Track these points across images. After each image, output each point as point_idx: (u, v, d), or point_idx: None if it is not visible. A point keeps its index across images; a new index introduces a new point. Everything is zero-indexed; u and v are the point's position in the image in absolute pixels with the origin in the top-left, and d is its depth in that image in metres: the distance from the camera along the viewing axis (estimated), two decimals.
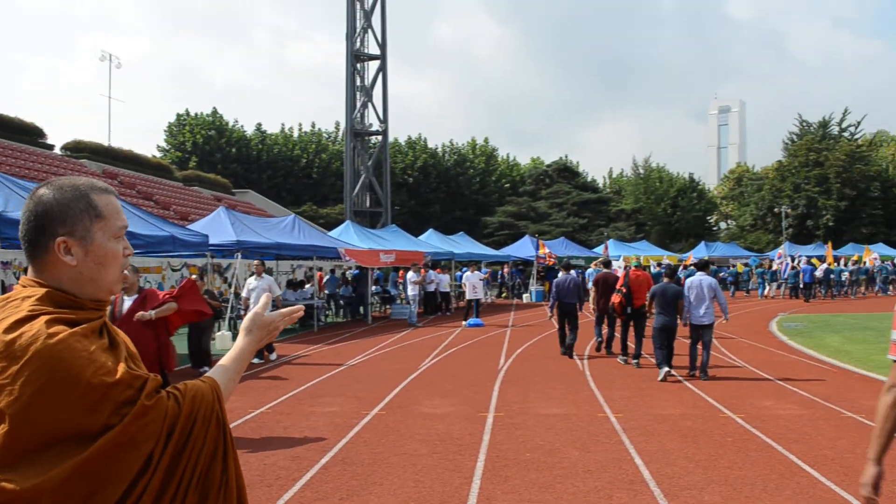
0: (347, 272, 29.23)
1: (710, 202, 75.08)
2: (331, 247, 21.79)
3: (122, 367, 1.62)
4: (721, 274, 39.36)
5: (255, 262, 15.62)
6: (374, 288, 28.90)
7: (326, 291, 25.02)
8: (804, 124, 71.25)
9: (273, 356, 14.67)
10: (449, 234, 36.59)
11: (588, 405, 9.67)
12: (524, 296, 36.17)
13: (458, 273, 34.01)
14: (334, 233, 26.44)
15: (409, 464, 6.92)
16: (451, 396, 10.33)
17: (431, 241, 30.61)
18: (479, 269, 24.49)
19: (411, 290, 23.52)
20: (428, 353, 15.39)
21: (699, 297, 12.08)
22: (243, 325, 2.08)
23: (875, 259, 40.05)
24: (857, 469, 4.75)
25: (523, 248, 38.38)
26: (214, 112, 63.16)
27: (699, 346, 12.12)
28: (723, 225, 78.63)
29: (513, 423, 8.60)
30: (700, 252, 45.40)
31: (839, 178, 59.87)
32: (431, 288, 25.99)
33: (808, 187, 61.18)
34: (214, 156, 60.26)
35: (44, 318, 1.59)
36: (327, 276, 25.37)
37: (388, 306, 27.39)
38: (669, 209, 68.29)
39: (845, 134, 69.12)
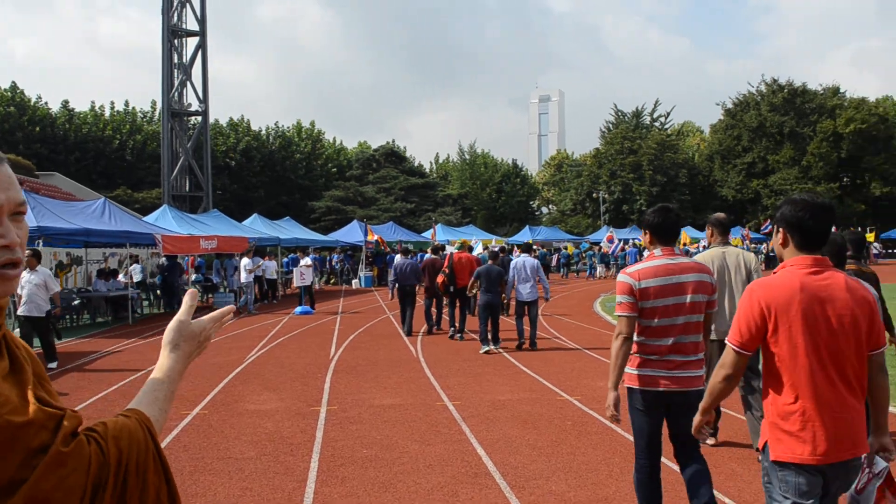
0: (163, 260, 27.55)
1: (533, 187, 77.45)
2: (146, 233, 20.31)
3: (31, 402, 1.21)
4: (549, 256, 40.48)
5: (28, 251, 13.92)
6: (194, 276, 27.47)
7: (134, 280, 22.78)
8: (619, 114, 74.80)
9: (52, 365, 11.96)
10: (275, 220, 35.40)
11: (425, 394, 9.31)
12: (353, 281, 35.64)
13: (285, 259, 33.03)
14: (150, 218, 24.76)
15: (236, 469, 6.27)
16: (279, 390, 9.68)
17: (256, 227, 29.38)
18: (308, 255, 23.83)
19: (245, 278, 22.52)
20: (254, 343, 14.58)
21: (523, 278, 13.12)
22: (166, 338, 1.64)
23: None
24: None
25: (352, 233, 37.77)
26: (14, 87, 57.98)
27: (525, 321, 13.31)
28: (545, 210, 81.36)
29: (347, 416, 8.10)
30: (525, 235, 46.58)
31: (651, 166, 63.27)
32: (258, 273, 24.97)
33: (623, 174, 64.25)
34: (15, 135, 55.36)
35: None
36: (133, 265, 23.39)
37: (210, 295, 26.03)
38: (494, 194, 69.81)
39: (656, 124, 73.26)
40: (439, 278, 15.29)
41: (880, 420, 3.24)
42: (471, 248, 17.49)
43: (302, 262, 22.15)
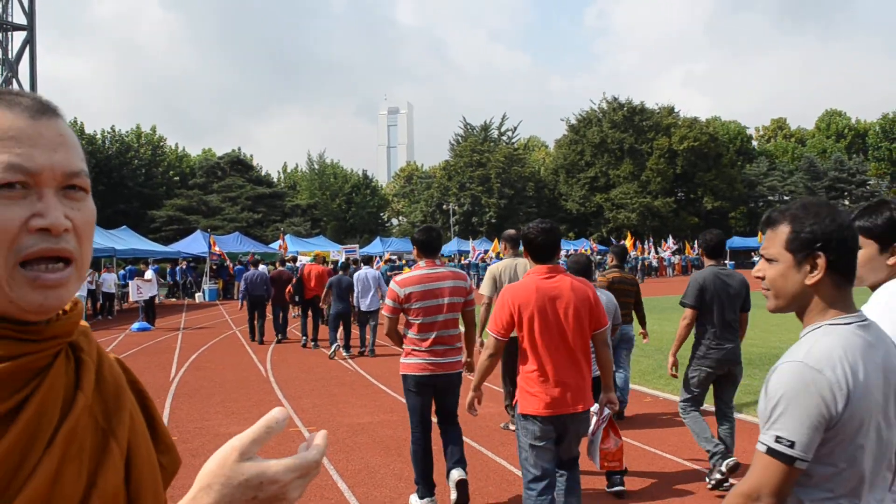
0: None
1: (383, 199, 77.12)
2: None
3: None
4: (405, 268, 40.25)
5: None
6: None
7: None
8: (468, 127, 75.75)
9: None
10: (111, 229, 33.21)
11: None
12: (197, 295, 33.94)
13: (122, 271, 30.99)
14: None
15: None
16: None
17: None
18: (150, 267, 22.40)
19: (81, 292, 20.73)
20: None
21: (365, 288, 13.97)
22: (201, 472, 0.96)
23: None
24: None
25: (195, 244, 35.98)
26: None
27: (367, 329, 14.23)
28: (395, 221, 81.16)
29: (188, 448, 7.26)
30: (376, 247, 46.08)
31: (499, 179, 64.34)
32: (90, 287, 23.18)
33: (472, 186, 65.00)
34: None
35: None
36: None
37: None
38: (344, 205, 68.92)
39: (504, 138, 74.63)
40: (287, 288, 16.07)
41: (607, 381, 4.53)
42: (324, 260, 17.79)
43: (146, 275, 20.71)
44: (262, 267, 17.93)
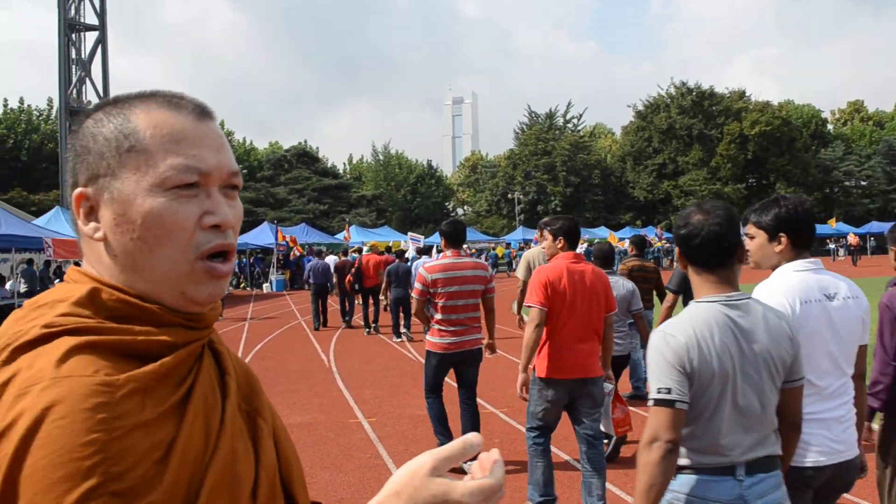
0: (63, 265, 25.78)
1: (448, 189, 77.09)
2: (34, 236, 18.79)
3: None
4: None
5: None
6: None
7: (11, 287, 20.07)
8: (533, 115, 75.02)
9: None
10: None
11: (337, 409, 8.49)
12: (264, 286, 34.38)
13: None
14: (41, 220, 23.10)
15: None
16: None
17: None
18: None
19: None
20: None
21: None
22: (394, 484, 0.91)
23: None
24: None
25: (262, 235, 36.42)
26: None
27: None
28: (460, 211, 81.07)
29: None
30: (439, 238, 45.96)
31: (564, 167, 63.60)
32: None
33: (537, 175, 64.40)
34: None
35: (64, 345, 0.86)
36: (21, 267, 21.32)
37: None
38: (409, 195, 69.11)
39: (569, 125, 73.75)
40: (347, 278, 16.70)
41: (606, 358, 5.12)
42: (388, 250, 18.22)
43: None
44: (330, 257, 19.02)
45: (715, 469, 2.36)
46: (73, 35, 49.28)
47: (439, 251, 15.06)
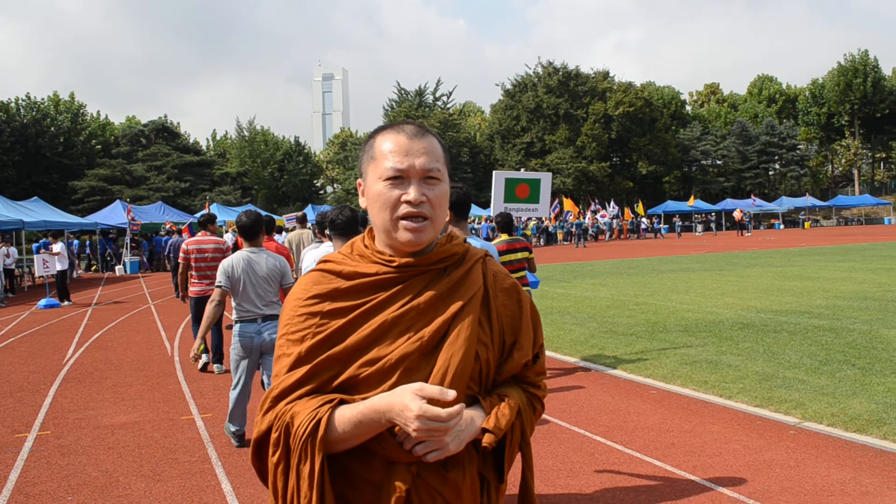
0: None
1: (317, 166, 75.52)
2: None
3: (286, 375, 1.62)
4: None
5: None
6: None
7: None
8: (403, 92, 74.38)
9: None
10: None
11: (170, 405, 7.67)
12: (117, 268, 32.43)
13: (35, 244, 29.31)
14: None
15: None
16: None
17: None
18: (60, 241, 20.97)
19: None
20: None
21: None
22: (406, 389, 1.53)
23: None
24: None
25: (114, 214, 34.39)
26: None
27: None
28: (329, 189, 79.66)
29: (61, 444, 6.36)
30: (308, 215, 44.77)
31: None
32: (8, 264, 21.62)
33: None
34: None
35: (314, 268, 1.75)
36: None
37: None
38: (276, 173, 67.24)
39: (439, 103, 73.49)
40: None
41: None
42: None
43: (55, 248, 19.34)
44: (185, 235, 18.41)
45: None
46: None
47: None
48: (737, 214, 53.29)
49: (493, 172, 9.62)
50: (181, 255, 9.66)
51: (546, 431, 6.22)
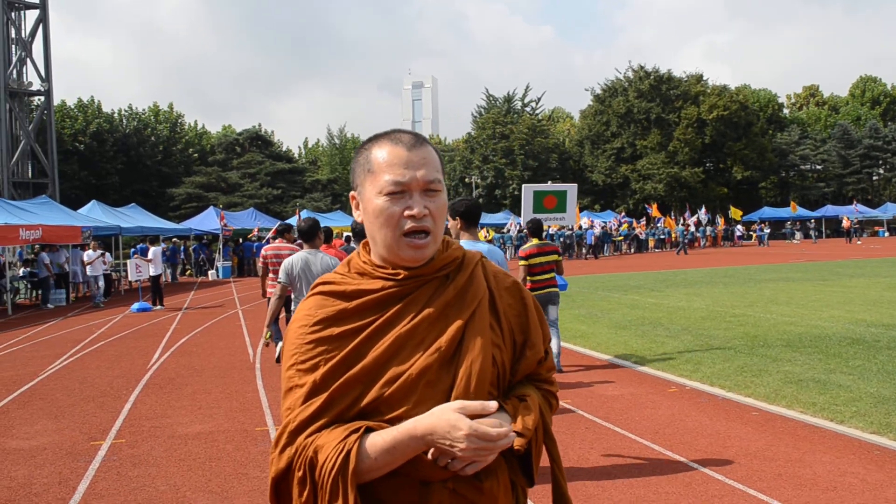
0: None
1: None
2: None
3: (295, 400, 1.55)
4: None
5: None
6: (22, 271, 24.49)
7: None
8: (491, 99, 74.12)
9: None
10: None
11: (246, 414, 7.50)
12: (210, 273, 33.09)
13: (133, 250, 30.18)
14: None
15: None
16: (62, 417, 7.66)
17: (95, 215, 26.52)
18: (155, 245, 21.47)
19: (91, 271, 21.17)
20: (62, 352, 12.31)
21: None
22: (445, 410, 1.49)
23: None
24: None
25: (208, 220, 35.11)
26: None
27: None
28: None
29: (134, 454, 6.23)
30: None
31: (523, 150, 62.87)
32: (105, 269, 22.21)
33: (495, 159, 63.60)
34: None
35: (313, 291, 1.68)
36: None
37: (38, 292, 23.11)
38: None
39: (527, 109, 72.91)
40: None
41: None
42: (340, 235, 17.81)
43: (149, 253, 19.78)
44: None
45: None
46: (13, 14, 47.27)
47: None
48: (845, 223, 50.90)
49: (522, 186, 10.78)
50: (261, 260, 10.39)
51: (637, 455, 5.75)
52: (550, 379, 1.76)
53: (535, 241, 8.99)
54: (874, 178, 71.18)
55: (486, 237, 36.40)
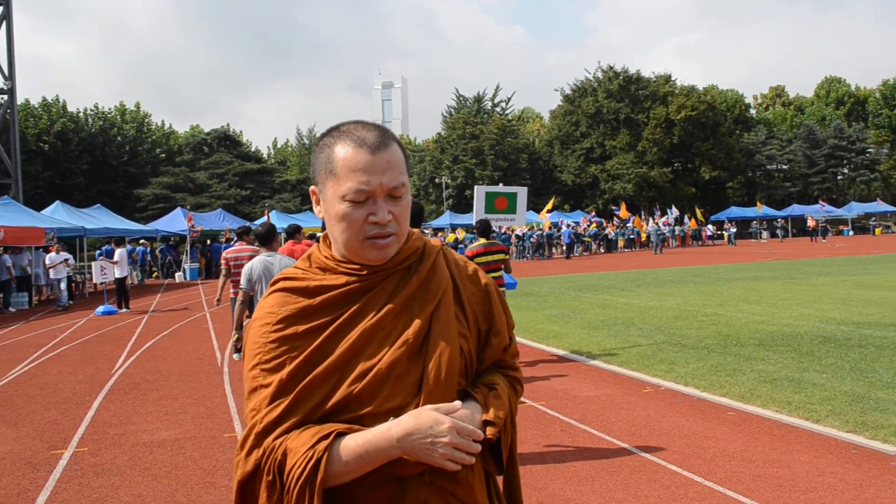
0: None
1: None
2: None
3: (260, 396, 1.51)
4: None
5: None
6: None
7: None
8: (461, 99, 74.09)
9: None
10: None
11: (213, 420, 7.31)
12: (177, 275, 32.63)
13: (98, 252, 29.65)
14: None
15: None
16: (20, 425, 7.41)
17: (58, 216, 26.00)
18: (121, 247, 21.04)
19: (54, 274, 20.88)
20: (23, 357, 11.99)
21: None
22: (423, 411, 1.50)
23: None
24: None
25: (175, 221, 34.65)
26: None
27: None
28: None
29: (96, 463, 6.02)
30: None
31: (493, 151, 62.89)
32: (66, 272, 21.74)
33: (465, 159, 63.55)
34: None
35: (274, 287, 1.63)
36: None
37: (1, 295, 22.57)
38: None
39: (497, 109, 72.99)
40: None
41: None
42: (312, 236, 17.62)
43: (115, 255, 19.39)
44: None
45: None
46: None
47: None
48: (811, 222, 51.48)
49: (475, 187, 11.12)
50: (222, 262, 10.31)
51: (615, 458, 5.66)
52: (515, 365, 1.75)
53: (482, 240, 9.20)
54: (839, 177, 72.16)
55: (457, 237, 36.28)
